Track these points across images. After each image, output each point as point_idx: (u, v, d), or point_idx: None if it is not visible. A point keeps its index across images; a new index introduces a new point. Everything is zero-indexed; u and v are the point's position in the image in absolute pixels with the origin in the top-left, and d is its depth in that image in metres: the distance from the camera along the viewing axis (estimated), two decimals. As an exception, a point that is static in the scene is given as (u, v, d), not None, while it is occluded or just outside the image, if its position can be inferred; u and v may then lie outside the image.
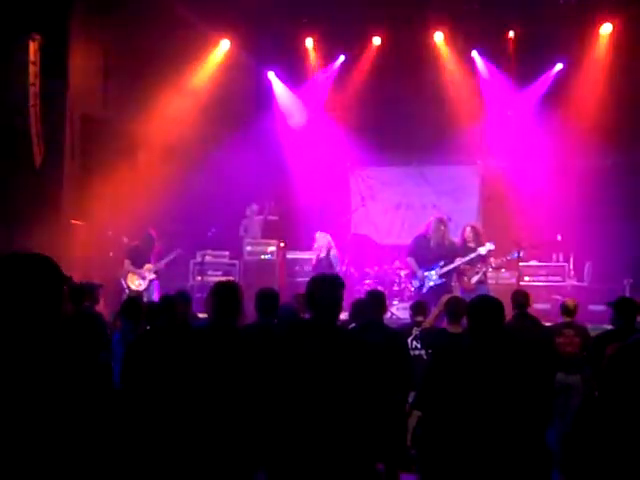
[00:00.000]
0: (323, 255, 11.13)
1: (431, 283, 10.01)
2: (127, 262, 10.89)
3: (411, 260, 10.35)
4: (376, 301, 6.02)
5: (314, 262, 11.35)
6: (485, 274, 10.03)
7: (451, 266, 9.94)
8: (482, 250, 9.82)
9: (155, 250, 10.92)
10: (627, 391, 3.38)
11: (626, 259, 11.26)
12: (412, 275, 10.59)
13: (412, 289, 10.62)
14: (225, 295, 4.34)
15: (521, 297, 6.90)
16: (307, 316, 4.19)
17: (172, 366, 4.12)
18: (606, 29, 12.29)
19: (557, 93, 12.73)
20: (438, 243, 10.16)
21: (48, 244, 10.10)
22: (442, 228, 10.23)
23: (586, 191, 12.06)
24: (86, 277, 8.88)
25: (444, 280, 10.01)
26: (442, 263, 9.98)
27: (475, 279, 9.86)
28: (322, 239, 11.13)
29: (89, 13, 11.21)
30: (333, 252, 11.07)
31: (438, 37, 12.94)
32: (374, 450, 4.03)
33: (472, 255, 9.83)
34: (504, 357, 3.97)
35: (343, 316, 5.50)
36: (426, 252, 10.16)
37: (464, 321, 5.99)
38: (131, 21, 11.32)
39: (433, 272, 10.01)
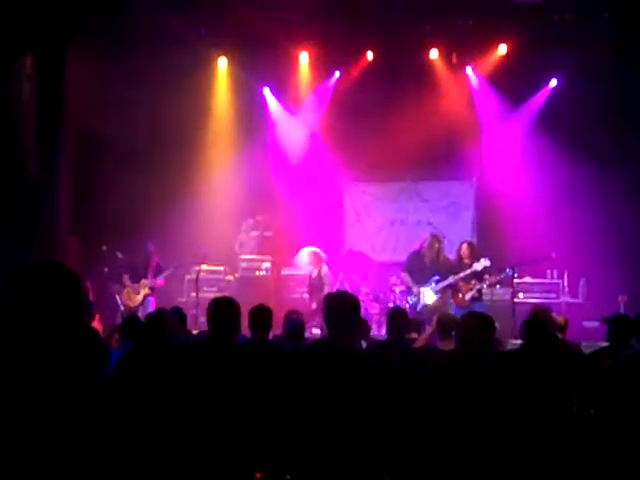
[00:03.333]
0: (315, 275, 11.16)
1: (427, 300, 10.01)
2: (126, 277, 10.85)
3: (406, 276, 10.37)
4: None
5: (307, 281, 11.40)
6: (480, 291, 10.03)
7: (446, 282, 9.94)
8: (477, 266, 9.84)
9: (153, 265, 10.90)
10: (621, 408, 3.38)
11: (620, 276, 11.27)
12: (407, 291, 10.59)
13: (407, 306, 10.61)
14: (222, 311, 4.32)
15: (543, 314, 6.75)
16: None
17: (159, 385, 4.09)
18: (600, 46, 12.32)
19: (552, 109, 12.77)
20: (433, 260, 10.19)
21: (42, 259, 10.11)
22: (437, 245, 10.26)
23: (581, 208, 12.08)
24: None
25: (440, 297, 10.01)
26: (437, 279, 9.98)
27: (469, 296, 9.87)
28: (302, 258, 11.14)
29: (86, 30, 11.26)
30: (324, 270, 11.08)
31: (432, 52, 12.96)
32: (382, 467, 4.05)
33: (467, 271, 9.85)
34: (494, 375, 3.97)
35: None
36: (421, 268, 10.19)
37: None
38: (128, 37, 11.36)
39: (429, 288, 10.01)
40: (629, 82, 11.90)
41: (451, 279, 9.90)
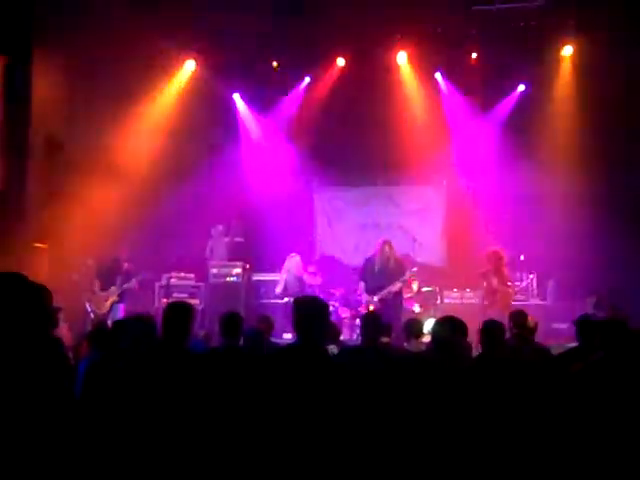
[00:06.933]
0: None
1: (372, 307, 10.09)
2: (97, 283, 10.77)
3: (361, 284, 10.44)
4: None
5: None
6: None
7: (386, 290, 10.02)
8: (406, 275, 10.17)
9: (123, 272, 10.82)
10: (590, 408, 3.41)
11: (589, 277, 11.37)
12: (359, 298, 10.68)
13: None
14: (173, 316, 4.34)
15: (520, 317, 6.84)
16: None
17: (122, 394, 4.05)
18: (567, 51, 12.48)
19: (521, 114, 12.89)
20: (382, 266, 10.24)
21: (11, 267, 9.99)
22: (387, 250, 10.30)
23: (549, 211, 12.19)
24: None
25: (382, 304, 10.05)
26: (382, 286, 10.11)
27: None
28: (286, 263, 11.27)
29: (51, 35, 11.14)
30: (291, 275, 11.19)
31: (402, 58, 13.02)
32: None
33: (401, 279, 10.02)
34: (468, 379, 3.99)
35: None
36: (371, 275, 10.26)
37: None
38: (94, 42, 11.26)
39: (375, 296, 10.11)
40: (595, 87, 12.03)
41: (392, 286, 10.04)
